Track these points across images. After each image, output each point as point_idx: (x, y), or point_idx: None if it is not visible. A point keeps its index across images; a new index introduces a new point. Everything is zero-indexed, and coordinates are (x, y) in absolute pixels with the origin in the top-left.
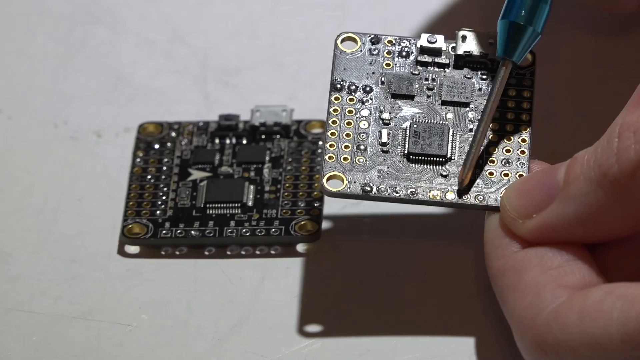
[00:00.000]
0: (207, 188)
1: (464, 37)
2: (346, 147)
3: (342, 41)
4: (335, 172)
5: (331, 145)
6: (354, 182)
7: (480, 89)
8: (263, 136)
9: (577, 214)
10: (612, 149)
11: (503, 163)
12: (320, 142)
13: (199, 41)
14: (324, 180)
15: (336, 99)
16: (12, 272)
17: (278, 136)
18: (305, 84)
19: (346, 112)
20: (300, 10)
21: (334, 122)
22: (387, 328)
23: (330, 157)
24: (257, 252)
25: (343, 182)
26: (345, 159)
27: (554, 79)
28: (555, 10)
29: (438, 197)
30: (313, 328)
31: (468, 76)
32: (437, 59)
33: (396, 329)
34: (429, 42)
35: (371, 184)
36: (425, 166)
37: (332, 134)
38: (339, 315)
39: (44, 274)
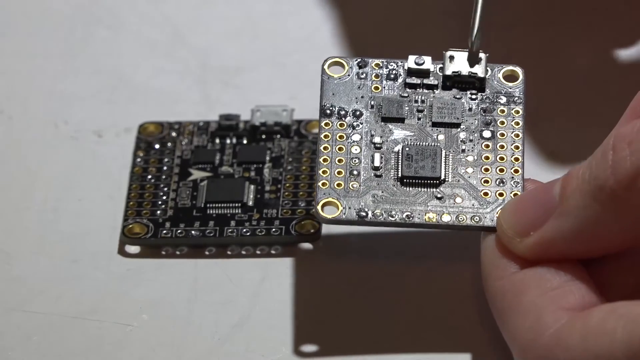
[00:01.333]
0: (208, 188)
1: (451, 58)
2: (339, 172)
3: (329, 66)
4: (330, 199)
5: (324, 172)
6: (349, 208)
7: (470, 109)
8: (263, 136)
9: (574, 228)
10: (607, 161)
11: (497, 183)
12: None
13: (200, 41)
14: (319, 207)
15: (326, 124)
16: (12, 272)
17: (278, 136)
18: (306, 84)
19: (337, 137)
20: (301, 10)
21: (325, 148)
22: (387, 328)
23: (323, 184)
24: (258, 252)
25: (338, 208)
26: (338, 184)
27: (554, 79)
28: (555, 10)
29: (434, 220)
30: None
31: (457, 96)
32: (425, 81)
33: (396, 328)
34: (417, 63)
35: (366, 209)
36: (420, 189)
37: (324, 160)
38: (339, 315)
39: (44, 274)
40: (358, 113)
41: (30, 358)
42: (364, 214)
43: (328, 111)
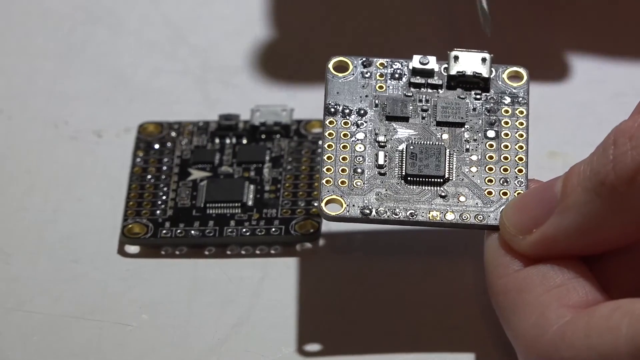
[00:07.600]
0: (207, 188)
1: (456, 58)
2: (343, 170)
3: (333, 65)
4: (334, 196)
5: (328, 169)
6: (353, 206)
7: (474, 109)
8: (263, 136)
9: (576, 224)
10: (607, 156)
11: (501, 182)
12: (320, 142)
13: (199, 41)
14: (323, 204)
15: (331, 122)
16: (12, 272)
17: (278, 136)
18: (306, 84)
19: (341, 135)
20: (301, 10)
21: (329, 145)
22: (387, 327)
23: (327, 181)
24: (257, 252)
25: (342, 205)
26: (342, 182)
27: (554, 78)
28: (556, 11)
29: (438, 218)
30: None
31: (462, 96)
32: (430, 80)
33: (397, 327)
34: (421, 63)
35: (370, 207)
36: (424, 187)
37: (329, 157)
38: (339, 314)
39: (44, 274)
40: (362, 112)
41: (30, 358)
42: (367, 211)
43: (332, 109)
